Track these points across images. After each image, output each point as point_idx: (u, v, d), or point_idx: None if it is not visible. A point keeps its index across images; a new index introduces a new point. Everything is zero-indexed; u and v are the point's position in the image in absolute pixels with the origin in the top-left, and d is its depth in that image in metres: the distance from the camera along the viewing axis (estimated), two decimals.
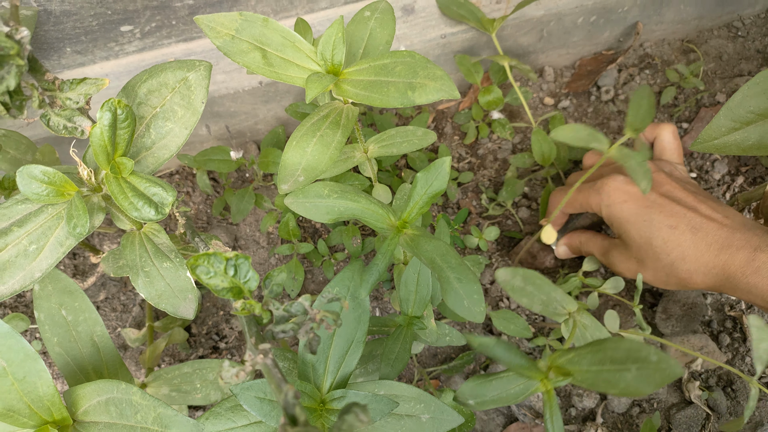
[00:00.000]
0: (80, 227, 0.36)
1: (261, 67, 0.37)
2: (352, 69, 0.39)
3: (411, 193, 0.39)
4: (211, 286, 0.30)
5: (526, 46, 0.76)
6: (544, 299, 0.41)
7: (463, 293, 0.34)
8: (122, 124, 0.36)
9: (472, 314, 0.33)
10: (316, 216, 0.38)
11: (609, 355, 0.30)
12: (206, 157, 0.66)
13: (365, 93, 0.36)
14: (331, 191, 0.38)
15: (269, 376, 0.27)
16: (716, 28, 0.81)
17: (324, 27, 0.67)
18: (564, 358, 0.33)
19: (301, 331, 0.30)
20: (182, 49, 0.66)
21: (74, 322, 0.46)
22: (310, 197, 0.38)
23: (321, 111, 0.41)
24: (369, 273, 0.35)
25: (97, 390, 0.39)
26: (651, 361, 0.27)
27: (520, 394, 0.34)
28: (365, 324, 0.35)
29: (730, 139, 0.49)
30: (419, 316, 0.46)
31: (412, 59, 0.36)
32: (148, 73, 0.40)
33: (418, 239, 0.37)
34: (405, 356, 0.43)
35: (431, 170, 0.38)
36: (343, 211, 0.37)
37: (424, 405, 0.36)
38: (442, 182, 0.38)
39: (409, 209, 0.39)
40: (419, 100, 0.35)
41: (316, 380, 0.34)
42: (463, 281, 0.34)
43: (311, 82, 0.36)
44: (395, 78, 0.35)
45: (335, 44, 0.38)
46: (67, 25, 0.59)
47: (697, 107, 0.76)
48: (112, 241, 0.71)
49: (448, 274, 0.34)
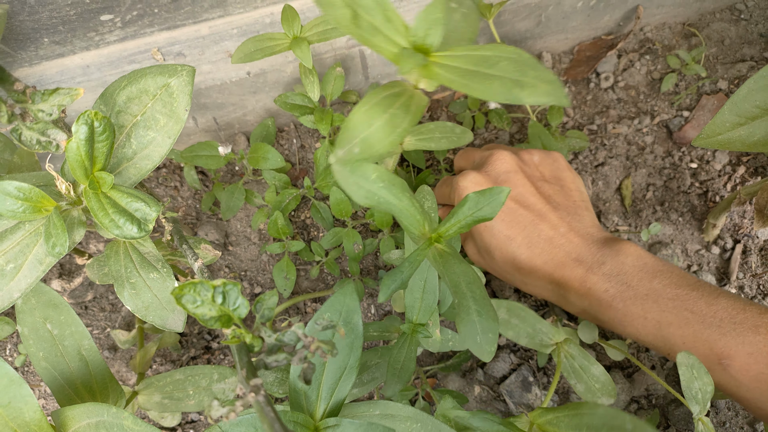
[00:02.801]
0: (59, 246, 0.34)
1: (349, 27, 0.33)
2: (445, 54, 0.36)
3: (456, 209, 0.37)
4: (198, 316, 0.28)
5: (523, 32, 0.73)
6: (529, 331, 0.40)
7: (480, 328, 0.32)
8: (100, 137, 0.34)
9: (482, 351, 0.32)
10: (355, 195, 0.36)
11: (585, 421, 0.29)
12: (194, 152, 0.64)
13: (463, 81, 0.33)
14: (378, 177, 0.35)
15: (262, 416, 0.26)
16: (718, 11, 0.79)
17: (313, 14, 0.64)
18: (544, 418, 0.32)
19: (294, 359, 0.29)
20: (165, 38, 0.63)
21: (60, 336, 0.44)
22: (356, 175, 0.35)
23: (392, 88, 0.37)
24: (391, 279, 0.33)
25: (87, 412, 0.38)
26: (626, 430, 0.27)
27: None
28: (358, 350, 0.34)
29: (734, 135, 0.47)
30: (424, 323, 0.44)
31: (519, 57, 0.33)
32: (127, 79, 0.37)
33: (448, 258, 0.35)
34: (411, 365, 0.42)
35: (486, 195, 0.36)
36: (382, 201, 0.35)
37: (420, 424, 0.35)
38: (494, 210, 0.35)
39: (448, 225, 0.37)
40: (527, 99, 0.32)
41: (309, 407, 0.33)
42: (483, 316, 0.32)
43: (404, 58, 0.33)
44: (500, 72, 0.33)
45: (433, 24, 0.34)
46: (42, 15, 0.56)
47: (698, 95, 0.74)
48: (98, 240, 0.69)
49: (469, 303, 0.32)
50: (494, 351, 0.33)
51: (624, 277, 0.47)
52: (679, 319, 0.44)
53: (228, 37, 0.63)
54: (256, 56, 0.53)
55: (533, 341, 0.41)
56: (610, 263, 0.47)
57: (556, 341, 0.44)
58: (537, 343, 0.42)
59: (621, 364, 0.62)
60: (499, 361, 0.62)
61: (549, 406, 0.35)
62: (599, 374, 0.46)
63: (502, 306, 0.38)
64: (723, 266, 0.67)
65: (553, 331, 0.43)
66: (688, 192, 0.69)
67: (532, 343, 0.41)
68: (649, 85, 0.75)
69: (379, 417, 0.35)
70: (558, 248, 0.49)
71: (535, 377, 0.61)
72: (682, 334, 0.44)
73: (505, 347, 0.63)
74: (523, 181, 0.52)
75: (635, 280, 0.46)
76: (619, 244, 0.49)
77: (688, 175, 0.70)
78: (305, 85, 0.60)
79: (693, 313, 0.44)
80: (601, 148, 0.72)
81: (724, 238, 0.67)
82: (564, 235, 0.49)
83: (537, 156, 0.56)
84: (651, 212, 0.69)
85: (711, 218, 0.65)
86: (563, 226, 0.50)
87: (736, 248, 0.67)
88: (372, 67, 0.72)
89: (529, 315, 0.40)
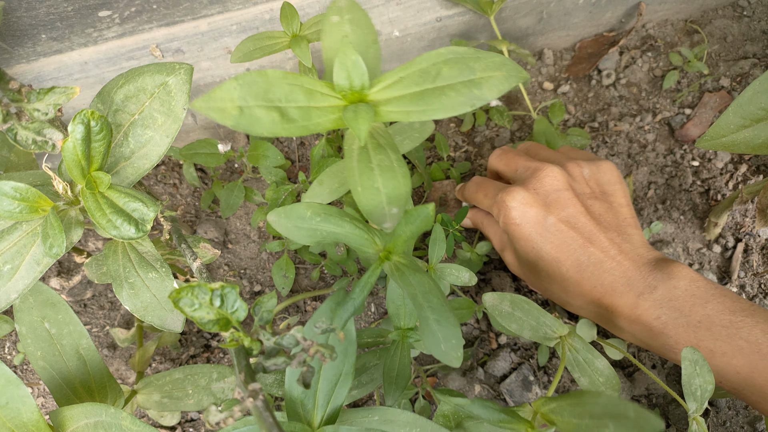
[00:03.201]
0: (56, 247, 0.34)
1: (285, 128, 0.32)
2: (379, 88, 0.34)
3: (396, 228, 0.36)
4: (195, 320, 0.28)
5: (525, 29, 0.73)
6: (533, 324, 0.39)
7: (441, 336, 0.32)
8: (97, 137, 0.33)
9: (448, 358, 0.32)
10: (298, 238, 0.35)
11: (588, 409, 0.29)
12: (193, 150, 0.63)
13: (417, 108, 0.31)
14: (313, 213, 0.34)
15: (260, 421, 0.25)
16: (721, 8, 0.78)
17: (314, 10, 0.64)
18: (547, 407, 0.32)
19: (293, 363, 0.29)
20: (164, 34, 0.62)
21: (58, 336, 0.44)
22: (292, 218, 0.35)
23: (352, 143, 0.36)
24: (343, 308, 0.33)
25: (85, 412, 0.37)
26: (629, 418, 0.26)
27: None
28: (352, 356, 0.33)
29: (739, 137, 0.47)
30: (412, 327, 0.44)
31: (456, 55, 0.32)
32: (125, 77, 0.37)
33: (404, 269, 0.34)
34: (406, 371, 0.41)
35: (412, 215, 0.35)
36: (326, 235, 0.34)
37: (420, 429, 0.35)
38: (427, 224, 0.35)
39: (393, 241, 0.36)
40: (490, 95, 0.31)
41: (306, 415, 0.32)
42: (442, 324, 0.32)
43: (353, 120, 0.31)
44: (447, 81, 0.31)
45: (352, 66, 0.32)
46: (40, 11, 0.55)
47: (700, 92, 0.73)
48: (97, 238, 0.69)
49: (427, 314, 0.32)
50: (461, 356, 0.32)
51: (676, 303, 0.45)
52: (733, 349, 0.42)
53: (227, 34, 0.63)
54: (256, 55, 0.52)
55: (537, 334, 0.41)
56: (662, 288, 0.45)
57: (560, 334, 0.44)
58: (541, 336, 0.42)
59: (621, 363, 0.62)
60: (499, 360, 0.61)
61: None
62: (603, 368, 0.46)
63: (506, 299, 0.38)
64: (724, 265, 0.66)
65: (557, 325, 0.42)
66: (689, 190, 0.69)
67: (535, 336, 0.41)
68: (651, 83, 0.75)
69: (378, 423, 0.35)
70: (608, 272, 0.47)
71: (536, 376, 0.61)
72: (736, 365, 0.42)
73: (505, 346, 0.63)
74: (573, 201, 0.50)
75: (687, 306, 0.44)
76: (670, 266, 0.47)
77: (689, 173, 0.70)
78: None
79: (748, 342, 0.42)
80: (603, 146, 0.72)
81: (726, 237, 0.67)
82: (614, 257, 0.48)
83: (587, 169, 0.54)
84: (652, 210, 0.69)
85: (713, 217, 0.65)
86: (613, 248, 0.48)
87: (738, 247, 0.66)
88: None
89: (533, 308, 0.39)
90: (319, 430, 0.32)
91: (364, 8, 0.64)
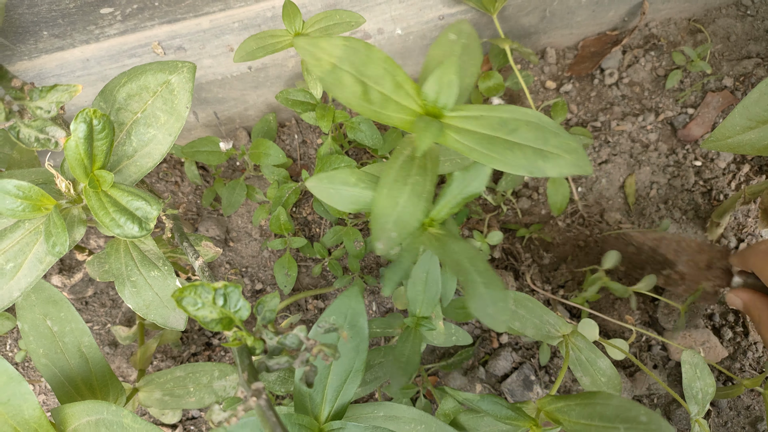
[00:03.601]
0: (59, 246, 0.34)
1: (360, 104, 0.33)
2: (459, 114, 0.34)
3: (444, 191, 0.36)
4: (198, 318, 0.28)
5: (527, 27, 0.73)
6: (536, 323, 0.39)
7: (489, 300, 0.32)
8: (99, 135, 0.33)
9: (495, 322, 0.31)
10: (339, 204, 0.35)
11: (598, 410, 0.29)
12: (194, 148, 0.63)
13: (482, 150, 0.31)
14: (358, 179, 0.35)
15: (263, 420, 0.25)
16: (724, 7, 0.78)
17: (315, 8, 0.63)
18: (553, 406, 0.32)
19: (296, 362, 0.29)
20: (166, 32, 0.62)
21: (60, 333, 0.44)
22: (335, 183, 0.35)
23: (402, 151, 0.36)
24: (393, 271, 0.33)
25: (87, 410, 0.37)
26: (640, 422, 0.26)
27: (512, 431, 0.33)
28: (363, 353, 0.33)
29: (744, 139, 0.46)
30: (427, 316, 0.44)
31: (539, 121, 0.32)
32: (127, 75, 0.37)
33: (444, 239, 0.34)
34: (416, 359, 0.41)
35: (471, 171, 0.35)
36: (369, 202, 0.35)
37: (425, 426, 0.35)
38: (480, 185, 0.35)
39: (439, 207, 0.36)
40: (550, 171, 0.31)
41: (314, 409, 0.32)
42: (490, 287, 0.32)
43: (420, 130, 0.32)
44: (520, 140, 0.31)
45: (446, 85, 0.33)
46: (42, 8, 0.55)
47: (703, 92, 0.73)
48: (99, 236, 0.69)
49: (475, 278, 0.32)
50: (507, 320, 0.32)
51: None
52: None
53: (229, 31, 0.63)
54: (258, 54, 0.52)
55: (540, 332, 0.41)
56: None
57: (563, 333, 0.44)
58: (544, 335, 0.42)
59: (623, 363, 0.62)
60: (500, 360, 0.61)
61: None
62: (606, 367, 0.46)
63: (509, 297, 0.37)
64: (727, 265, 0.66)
65: (561, 323, 0.42)
66: (692, 190, 0.69)
67: (538, 335, 0.41)
68: (653, 82, 0.75)
69: (383, 419, 0.35)
70: None
71: (537, 376, 0.61)
72: None
73: (506, 345, 0.63)
74: None
75: None
76: None
77: (692, 173, 0.69)
78: (307, 81, 0.59)
79: None
80: (605, 146, 0.72)
81: (728, 237, 0.67)
82: None
83: None
84: (655, 210, 0.69)
85: (715, 217, 0.64)
86: None
87: (740, 248, 0.66)
88: None
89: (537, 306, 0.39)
90: (326, 424, 0.32)
91: (366, 5, 0.64)
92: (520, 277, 0.66)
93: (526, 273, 0.66)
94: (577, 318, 0.63)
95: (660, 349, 0.63)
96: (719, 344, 0.61)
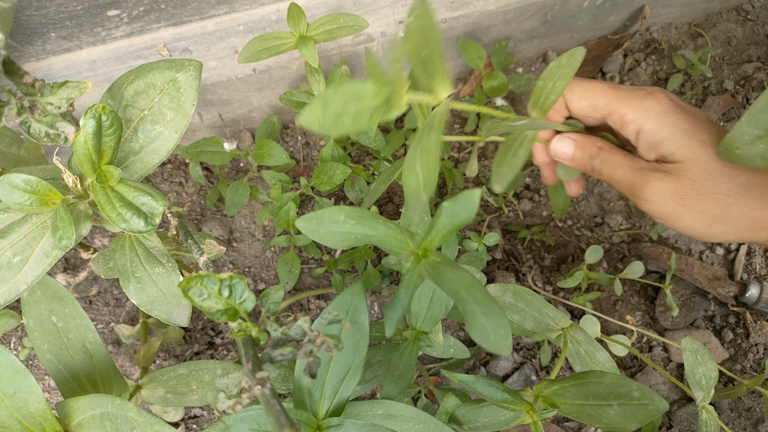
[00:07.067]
0: (66, 239, 0.34)
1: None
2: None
3: (434, 222, 0.37)
4: (204, 309, 0.28)
5: (529, 31, 0.73)
6: (536, 316, 0.40)
7: (490, 328, 0.32)
8: (108, 131, 0.34)
9: (498, 348, 0.32)
10: (331, 242, 0.36)
11: (592, 389, 0.29)
12: (199, 149, 0.64)
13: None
14: (347, 217, 0.35)
15: (268, 409, 0.26)
16: (725, 12, 0.78)
17: (320, 11, 0.64)
18: (550, 390, 0.32)
19: (300, 353, 0.29)
20: (172, 34, 0.63)
21: (65, 329, 0.45)
22: (324, 223, 0.35)
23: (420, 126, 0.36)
24: (393, 309, 0.33)
25: (91, 404, 0.38)
26: (633, 397, 0.27)
27: (510, 420, 0.33)
28: (364, 350, 0.34)
29: (753, 150, 0.44)
30: (428, 332, 0.44)
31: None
32: (135, 73, 0.37)
33: (440, 268, 0.35)
34: (410, 372, 0.42)
35: (458, 201, 0.36)
36: (360, 238, 0.35)
37: (423, 425, 0.35)
38: (470, 215, 0.35)
39: (430, 238, 0.36)
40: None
41: (312, 405, 0.33)
42: (489, 315, 0.32)
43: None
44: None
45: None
46: (50, 10, 0.56)
47: (704, 95, 0.74)
48: (103, 235, 0.70)
49: (474, 308, 0.32)
50: (510, 344, 0.33)
51: None
52: None
53: (234, 34, 0.63)
54: (263, 56, 0.53)
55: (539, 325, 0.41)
56: None
57: (562, 326, 0.44)
58: (543, 328, 0.42)
59: (624, 364, 0.62)
60: (501, 360, 0.62)
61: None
62: (605, 360, 0.46)
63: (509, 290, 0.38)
64: (727, 267, 0.66)
65: (560, 316, 0.42)
66: None
67: (538, 328, 0.41)
68: (654, 85, 0.75)
69: (382, 417, 0.35)
70: None
71: (538, 376, 0.61)
72: None
73: None
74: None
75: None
76: None
77: None
78: (311, 83, 0.60)
79: None
80: None
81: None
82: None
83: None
84: None
85: None
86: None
87: (741, 249, 0.66)
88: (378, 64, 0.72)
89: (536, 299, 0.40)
90: (324, 421, 0.32)
91: (370, 8, 0.64)
92: (521, 278, 0.67)
93: (527, 274, 0.67)
94: (578, 319, 0.63)
95: (661, 350, 0.63)
96: (720, 345, 0.61)
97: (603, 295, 0.66)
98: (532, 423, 0.33)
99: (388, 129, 0.72)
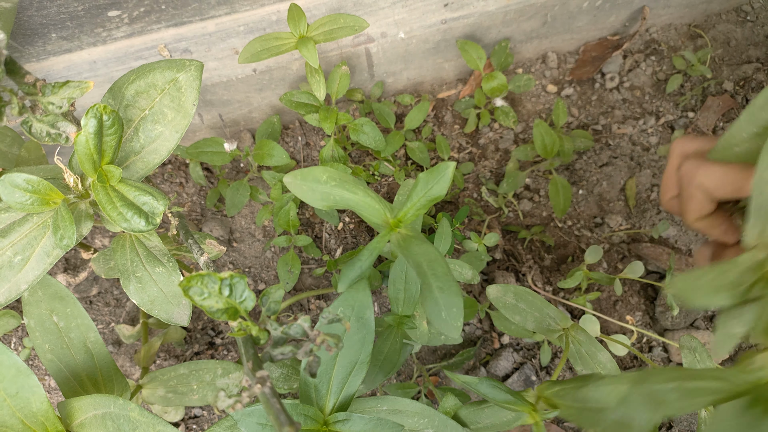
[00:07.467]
0: (67, 239, 0.34)
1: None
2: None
3: (410, 193, 0.37)
4: (205, 308, 0.29)
5: (529, 31, 0.73)
6: (537, 316, 0.40)
7: (443, 304, 0.32)
8: (109, 131, 0.34)
9: (448, 327, 0.32)
10: (311, 200, 0.36)
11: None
12: (199, 149, 0.64)
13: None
14: (329, 177, 0.35)
15: (267, 407, 0.26)
16: (724, 13, 0.79)
17: (320, 11, 0.64)
18: (551, 391, 0.32)
19: (300, 352, 0.29)
20: (172, 35, 0.63)
21: (66, 329, 0.45)
22: (308, 180, 0.36)
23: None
24: (350, 269, 0.34)
25: (94, 404, 0.38)
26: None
27: (512, 421, 0.33)
28: (369, 345, 0.34)
29: (753, 147, 0.44)
30: (409, 315, 0.44)
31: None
32: (136, 73, 0.37)
33: (409, 240, 0.35)
34: (395, 357, 0.42)
35: (433, 173, 0.36)
36: (338, 200, 0.35)
37: (427, 420, 0.35)
38: (443, 187, 0.35)
39: (405, 209, 0.37)
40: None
41: (319, 401, 0.33)
42: (444, 291, 0.32)
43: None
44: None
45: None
46: (51, 10, 0.56)
47: (703, 96, 0.74)
48: (104, 235, 0.70)
49: (431, 281, 0.32)
50: (461, 326, 0.33)
51: None
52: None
53: (234, 35, 0.63)
54: (263, 56, 0.53)
55: (540, 326, 0.41)
56: None
57: (563, 326, 0.44)
58: (544, 328, 0.42)
59: (624, 363, 0.62)
60: (501, 360, 0.62)
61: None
62: (606, 361, 0.46)
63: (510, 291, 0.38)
64: None
65: (561, 317, 0.42)
66: None
67: (539, 328, 0.41)
68: (654, 86, 0.75)
69: (387, 412, 0.35)
70: None
71: (538, 376, 0.61)
72: None
73: (507, 346, 0.63)
74: None
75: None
76: None
77: None
78: (311, 83, 0.60)
79: None
80: (606, 149, 0.72)
81: None
82: None
83: None
84: (655, 213, 0.69)
85: None
86: None
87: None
88: (377, 65, 0.72)
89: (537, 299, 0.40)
90: (331, 416, 0.32)
91: (370, 9, 0.64)
92: (521, 279, 0.67)
93: (527, 274, 0.67)
94: (577, 319, 0.63)
95: (661, 350, 0.63)
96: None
97: (603, 295, 0.66)
98: (534, 423, 0.33)
99: (388, 129, 0.73)
